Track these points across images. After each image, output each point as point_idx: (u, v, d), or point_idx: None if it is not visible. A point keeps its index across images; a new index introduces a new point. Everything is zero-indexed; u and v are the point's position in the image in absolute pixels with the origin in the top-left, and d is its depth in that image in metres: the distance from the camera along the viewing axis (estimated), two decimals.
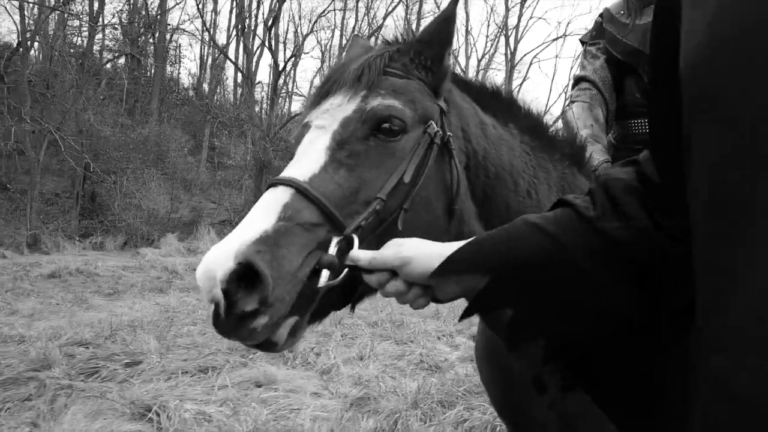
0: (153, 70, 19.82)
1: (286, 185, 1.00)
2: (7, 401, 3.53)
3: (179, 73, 26.37)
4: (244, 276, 0.87)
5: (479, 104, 1.36)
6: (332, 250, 0.95)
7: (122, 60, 20.84)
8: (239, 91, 26.53)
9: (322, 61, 24.55)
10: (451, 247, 0.90)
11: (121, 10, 18.65)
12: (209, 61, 26.56)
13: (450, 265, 0.87)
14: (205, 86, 26.19)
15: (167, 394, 3.66)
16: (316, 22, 20.32)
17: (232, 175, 18.66)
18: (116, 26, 17.66)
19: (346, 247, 0.97)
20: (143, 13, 20.45)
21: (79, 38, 19.00)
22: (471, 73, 27.37)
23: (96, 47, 19.76)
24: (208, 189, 17.60)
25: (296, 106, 27.25)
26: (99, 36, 19.89)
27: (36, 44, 14.68)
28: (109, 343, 4.96)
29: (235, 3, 20.62)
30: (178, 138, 16.13)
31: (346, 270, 0.94)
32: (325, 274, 0.93)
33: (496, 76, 29.79)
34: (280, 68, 16.53)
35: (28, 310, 6.45)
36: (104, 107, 15.12)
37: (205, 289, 0.88)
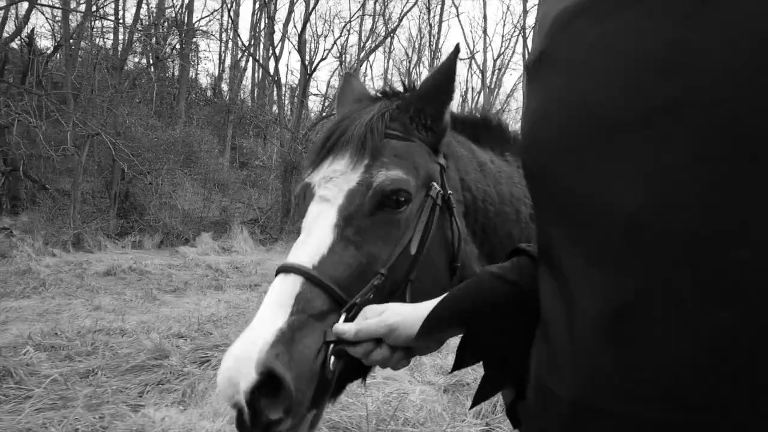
0: (179, 72, 20.26)
1: (296, 273, 1.00)
2: (145, 384, 3.98)
3: (197, 73, 26.72)
4: (267, 383, 0.88)
5: (474, 140, 1.38)
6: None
7: (143, 61, 21.31)
8: (256, 91, 26.99)
9: (340, 62, 24.93)
10: (428, 305, 0.92)
11: (151, 13, 19.08)
12: (227, 61, 27.00)
13: (432, 324, 0.89)
14: (225, 87, 26.62)
15: None
16: (345, 27, 20.69)
17: (258, 175, 19.13)
18: (145, 30, 18.07)
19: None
20: (168, 14, 20.88)
21: (103, 40, 19.48)
22: (488, 73, 27.75)
23: (119, 48, 20.22)
24: (238, 189, 18.06)
25: (314, 105, 27.69)
26: (123, 38, 20.35)
27: (67, 48, 15.09)
28: (200, 336, 5.41)
29: (264, 7, 21.01)
30: (208, 139, 16.59)
31: (332, 346, 0.94)
32: (333, 359, 0.94)
33: (511, 75, 30.10)
34: (309, 71, 16.93)
35: (108, 305, 6.90)
36: (138, 109, 15.56)
37: (227, 396, 0.88)
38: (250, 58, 25.36)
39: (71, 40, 14.16)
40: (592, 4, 0.61)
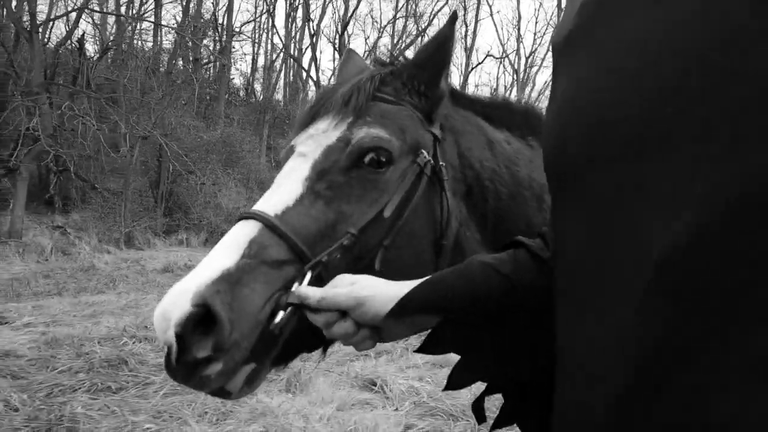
0: (218, 73, 20.66)
1: (255, 219, 0.94)
2: None
3: (231, 75, 27.13)
4: (202, 320, 0.82)
5: (490, 120, 1.29)
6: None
7: (180, 63, 21.75)
8: (288, 91, 27.31)
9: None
10: (406, 286, 0.85)
11: (194, 16, 19.48)
12: (259, 62, 27.37)
13: (406, 306, 0.83)
14: (258, 87, 26.99)
15: (380, 371, 4.30)
16: (384, 28, 20.92)
17: None
18: (189, 32, 18.47)
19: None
20: (208, 17, 21.28)
21: (142, 42, 19.94)
22: (521, 69, 27.75)
23: (158, 51, 20.68)
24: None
25: None
26: (159, 40, 20.81)
27: (119, 52, 15.50)
28: None
29: (294, 9, 21.34)
30: (250, 139, 16.91)
31: (290, 309, 0.86)
32: (281, 314, 0.86)
33: (542, 73, 30.09)
34: None
35: None
36: (183, 111, 15.94)
37: (160, 331, 0.82)
38: (280, 59, 25.72)
39: (116, 44, 14.59)
40: None
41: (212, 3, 21.50)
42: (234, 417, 3.45)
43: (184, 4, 18.06)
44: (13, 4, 14.38)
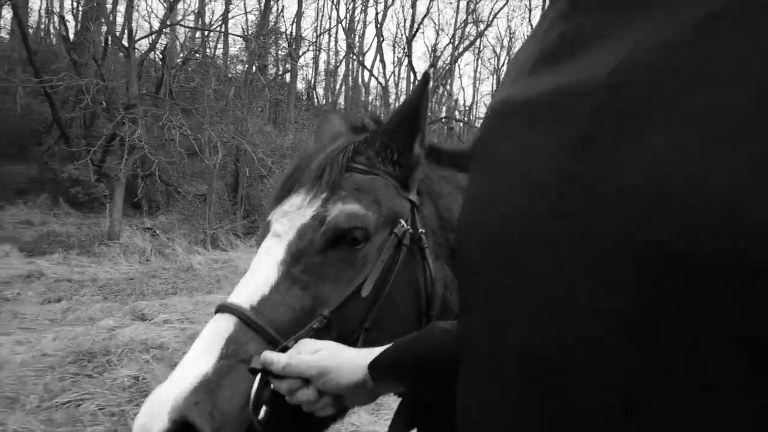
0: (289, 79, 21.36)
1: (232, 314, 0.93)
2: None
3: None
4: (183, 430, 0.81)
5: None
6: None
7: (241, 68, 22.57)
8: (350, 95, 27.83)
9: (434, 65, 25.34)
10: (369, 354, 0.85)
11: (269, 23, 20.22)
12: (320, 66, 28.00)
13: (374, 374, 0.83)
14: (320, 91, 27.62)
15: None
16: (454, 33, 21.11)
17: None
18: (261, 41, 19.18)
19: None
20: (277, 24, 21.98)
21: (212, 50, 20.80)
22: None
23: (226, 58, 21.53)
24: None
25: None
26: (224, 48, 21.66)
27: (203, 63, 16.26)
28: None
29: (377, 16, 21.80)
30: None
31: (259, 376, 0.87)
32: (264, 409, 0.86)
33: None
34: (415, 76, 17.51)
35: None
36: (259, 117, 16.60)
37: None
38: (343, 63, 26.25)
39: (196, 55, 15.36)
40: (524, 108, 0.55)
41: (278, 10, 22.18)
42: None
43: (260, 10, 18.74)
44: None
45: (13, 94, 13.83)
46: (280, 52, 19.53)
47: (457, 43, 25.86)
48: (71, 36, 16.92)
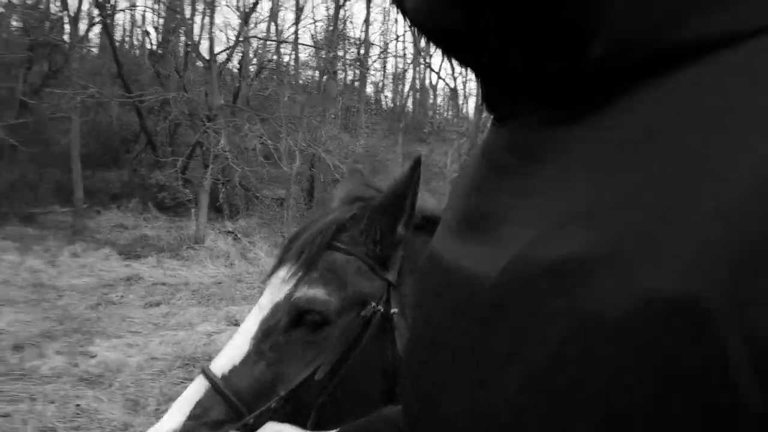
0: (359, 85, 21.75)
1: (205, 378, 1.04)
2: None
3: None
4: None
5: None
6: None
7: (310, 73, 23.13)
8: (418, 98, 27.95)
9: None
10: None
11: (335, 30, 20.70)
12: (387, 69, 28.24)
13: None
14: (388, 94, 27.87)
15: None
16: None
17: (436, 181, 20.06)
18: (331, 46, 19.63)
19: None
20: (343, 29, 22.39)
21: (280, 58, 21.44)
22: None
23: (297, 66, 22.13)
24: None
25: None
26: (295, 55, 22.24)
27: (278, 74, 16.80)
28: None
29: None
30: (387, 148, 17.72)
31: None
32: None
33: None
34: None
35: None
36: (332, 124, 17.02)
37: None
38: (411, 67, 26.38)
39: (271, 64, 15.96)
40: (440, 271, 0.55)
41: (345, 16, 22.58)
42: None
43: (329, 17, 19.18)
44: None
45: (106, 107, 14.80)
46: (348, 56, 19.91)
47: None
48: (154, 48, 17.92)
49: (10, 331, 5.33)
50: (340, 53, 18.31)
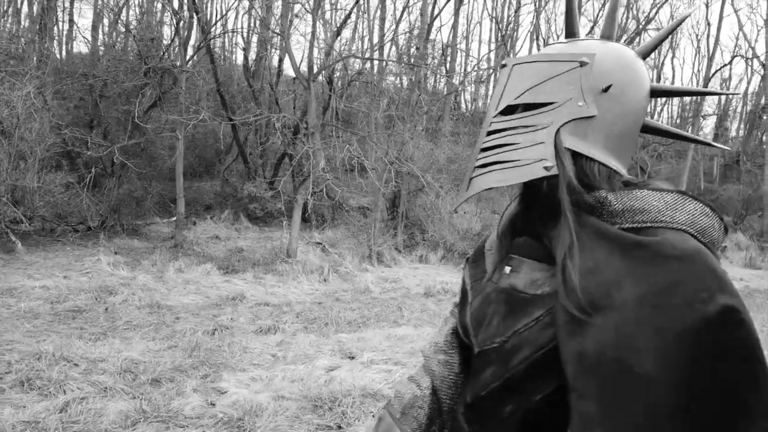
0: (445, 91, 21.63)
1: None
2: None
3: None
4: None
5: None
6: None
7: (393, 79, 23.12)
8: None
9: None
10: None
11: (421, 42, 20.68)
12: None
13: None
14: (468, 97, 27.55)
15: None
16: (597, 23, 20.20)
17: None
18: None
19: None
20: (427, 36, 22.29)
21: (363, 68, 21.58)
22: None
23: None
24: (499, 202, 18.80)
25: None
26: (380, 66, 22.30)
27: (372, 86, 16.93)
28: None
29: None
30: (469, 154, 17.44)
31: None
32: None
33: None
34: None
35: None
36: (419, 135, 16.99)
37: None
38: (494, 72, 25.92)
39: (361, 79, 16.13)
40: None
41: (432, 21, 22.47)
42: None
43: (420, 28, 19.14)
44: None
45: (204, 121, 15.40)
46: (434, 63, 19.79)
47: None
48: (248, 65, 18.49)
49: (143, 362, 5.61)
50: (431, 66, 18.22)
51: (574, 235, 0.88)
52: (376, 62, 18.13)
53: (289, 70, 18.60)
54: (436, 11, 18.45)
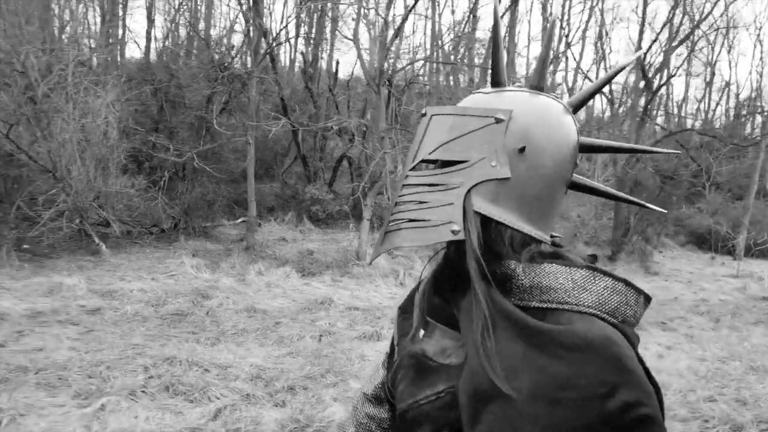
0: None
1: None
2: None
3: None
4: None
5: None
6: None
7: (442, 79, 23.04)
8: None
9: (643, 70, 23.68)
10: None
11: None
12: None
13: None
14: None
15: None
16: (649, 25, 19.74)
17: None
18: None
19: None
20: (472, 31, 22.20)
21: (414, 70, 21.56)
22: None
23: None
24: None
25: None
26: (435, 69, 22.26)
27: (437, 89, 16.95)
28: None
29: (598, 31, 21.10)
30: None
31: None
32: None
33: None
34: (653, 88, 16.60)
35: None
36: None
37: None
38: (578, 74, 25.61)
39: (421, 81, 16.18)
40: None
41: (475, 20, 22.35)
42: None
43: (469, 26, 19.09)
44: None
45: (284, 127, 15.62)
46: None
47: (668, 36, 23.88)
48: (307, 69, 18.68)
49: (268, 368, 5.72)
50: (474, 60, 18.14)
51: (486, 312, 0.80)
52: (427, 63, 18.13)
53: (341, 75, 18.75)
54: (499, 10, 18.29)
